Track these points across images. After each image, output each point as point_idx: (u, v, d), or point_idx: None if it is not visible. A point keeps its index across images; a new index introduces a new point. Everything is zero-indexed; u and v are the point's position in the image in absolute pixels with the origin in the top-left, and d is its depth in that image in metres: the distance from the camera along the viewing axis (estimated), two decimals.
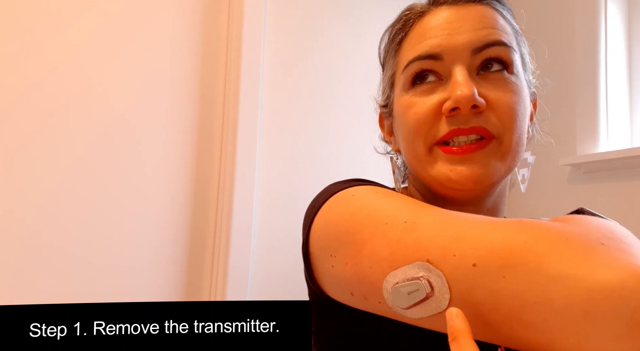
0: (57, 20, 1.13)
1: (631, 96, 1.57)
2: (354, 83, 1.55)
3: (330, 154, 1.49)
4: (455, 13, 0.53)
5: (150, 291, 1.19)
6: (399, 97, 0.56)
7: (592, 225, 0.36)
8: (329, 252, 0.48)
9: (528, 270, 0.33)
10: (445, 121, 0.50)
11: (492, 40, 0.51)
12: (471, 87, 0.48)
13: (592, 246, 0.33)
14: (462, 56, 0.51)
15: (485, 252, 0.35)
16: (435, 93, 0.52)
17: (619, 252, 0.32)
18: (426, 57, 0.52)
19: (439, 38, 0.52)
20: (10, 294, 1.03)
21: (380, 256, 0.41)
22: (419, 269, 0.37)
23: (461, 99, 0.48)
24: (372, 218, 0.44)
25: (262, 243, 1.35)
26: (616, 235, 0.35)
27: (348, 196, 0.49)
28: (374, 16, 1.61)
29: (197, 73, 1.32)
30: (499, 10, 0.54)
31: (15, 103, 1.07)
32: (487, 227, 0.37)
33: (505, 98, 0.50)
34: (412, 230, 0.40)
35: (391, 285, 0.38)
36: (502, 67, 0.51)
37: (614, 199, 1.46)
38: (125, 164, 1.19)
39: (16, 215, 1.05)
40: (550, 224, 0.36)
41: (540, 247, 0.33)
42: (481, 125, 0.49)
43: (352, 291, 0.46)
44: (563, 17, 1.63)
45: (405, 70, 0.54)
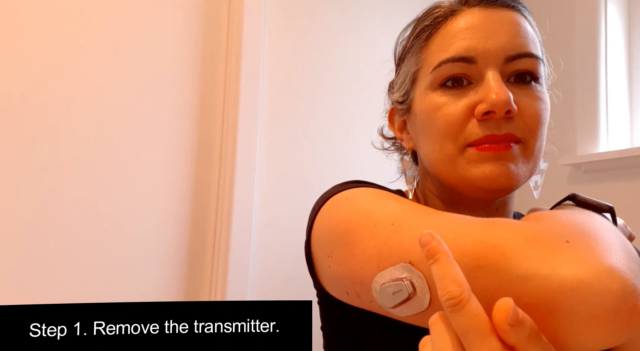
0: (57, 21, 1.13)
1: (631, 96, 1.57)
2: (354, 83, 1.55)
3: (330, 154, 1.49)
4: (490, 15, 0.53)
5: (150, 291, 1.19)
6: (422, 96, 0.55)
7: (560, 222, 0.37)
8: (326, 252, 0.50)
9: (497, 271, 0.35)
10: (478, 124, 0.51)
11: (525, 52, 0.51)
12: (507, 92, 0.49)
13: (556, 244, 0.34)
14: (496, 61, 0.51)
15: (459, 254, 0.36)
16: (465, 96, 0.52)
17: (582, 249, 0.34)
18: (459, 59, 0.52)
19: (473, 40, 0.52)
20: (10, 294, 1.03)
21: (370, 257, 0.43)
22: (402, 270, 0.39)
23: (497, 103, 0.48)
24: (363, 220, 0.46)
25: (262, 243, 1.35)
26: (583, 231, 0.36)
27: (343, 199, 0.52)
28: (375, 16, 1.61)
29: (197, 73, 1.32)
30: (527, 18, 0.55)
31: (15, 103, 1.07)
32: (461, 229, 0.39)
33: (534, 105, 0.51)
34: (397, 232, 0.42)
35: (378, 285, 0.41)
36: (530, 78, 0.52)
37: (614, 199, 1.45)
38: (125, 164, 1.19)
39: (16, 214, 1.05)
40: (519, 224, 0.37)
41: (508, 248, 0.35)
42: (512, 131, 0.50)
43: (347, 290, 0.48)
44: (563, 17, 1.63)
45: (436, 71, 0.53)
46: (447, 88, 0.53)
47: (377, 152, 0.71)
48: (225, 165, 1.31)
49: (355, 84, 1.54)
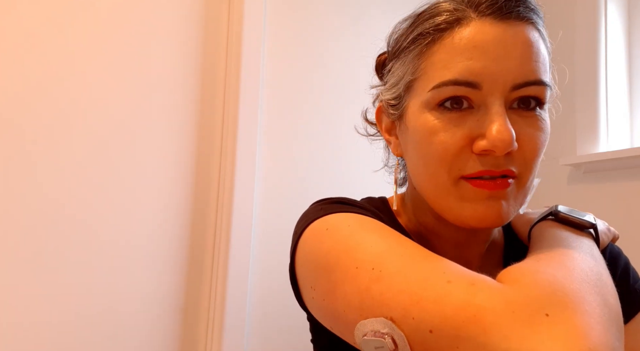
0: (56, 22, 1.12)
1: (631, 96, 1.57)
2: (354, 83, 1.55)
3: (330, 154, 1.49)
4: (503, 33, 0.47)
5: (150, 291, 1.19)
6: (418, 112, 0.51)
7: (540, 287, 0.37)
8: (309, 283, 0.50)
9: (477, 345, 0.34)
10: (476, 158, 0.48)
11: (534, 80, 0.48)
12: (510, 131, 0.46)
13: (536, 319, 0.34)
14: (502, 89, 0.47)
15: (439, 320, 0.36)
16: (465, 122, 0.48)
17: (562, 325, 0.34)
18: (463, 83, 0.47)
19: (480, 62, 0.47)
20: (9, 296, 1.03)
21: (352, 302, 0.42)
22: (384, 325, 0.39)
23: (499, 144, 0.45)
24: (343, 259, 0.45)
25: (262, 243, 1.35)
26: (563, 300, 0.36)
27: (322, 229, 0.50)
28: (375, 15, 1.61)
29: (197, 73, 1.32)
30: (540, 30, 0.50)
31: (12, 104, 1.07)
32: (442, 292, 0.38)
33: (534, 138, 0.49)
34: (378, 280, 0.41)
35: (361, 334, 0.41)
36: (536, 104, 0.49)
37: (614, 199, 1.46)
38: (125, 164, 1.19)
39: (14, 217, 1.05)
40: (500, 291, 0.37)
41: (488, 321, 0.35)
42: (510, 168, 0.48)
43: (331, 326, 0.48)
44: (563, 17, 1.63)
45: (435, 91, 0.49)
46: (445, 109, 0.49)
47: (378, 151, 0.69)
48: (225, 165, 1.31)
49: (355, 84, 1.54)
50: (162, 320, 1.20)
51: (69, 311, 1.08)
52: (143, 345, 1.17)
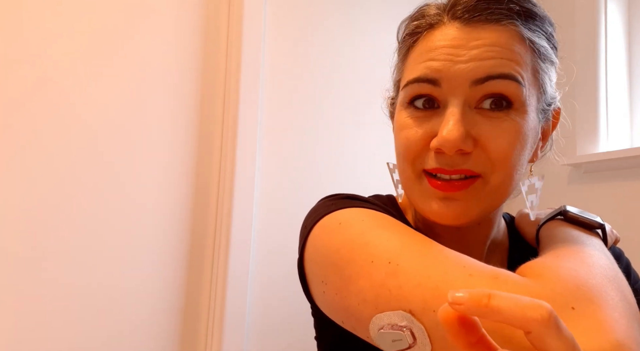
0: (54, 22, 1.12)
1: (631, 96, 1.57)
2: (355, 83, 1.55)
3: (330, 154, 1.49)
4: (466, 36, 0.48)
5: (150, 292, 1.19)
6: (398, 110, 0.54)
7: (563, 282, 0.37)
8: (320, 277, 0.49)
9: (502, 339, 0.34)
10: (433, 155, 0.49)
11: (495, 73, 0.47)
12: (459, 131, 0.46)
13: (562, 314, 0.34)
14: (460, 87, 0.48)
15: None
16: (429, 121, 0.50)
17: (589, 319, 0.34)
18: (424, 80, 0.49)
19: (439, 62, 0.49)
20: (9, 296, 1.03)
21: (366, 297, 0.42)
22: (402, 318, 0.38)
23: (445, 143, 0.47)
24: (357, 254, 0.44)
25: (262, 243, 1.35)
26: (587, 294, 0.36)
27: (335, 223, 0.49)
28: (375, 15, 1.61)
29: (197, 73, 1.32)
30: (521, 31, 0.49)
31: (9, 107, 1.07)
32: (465, 285, 0.37)
33: (499, 139, 0.48)
34: (395, 275, 0.41)
35: (377, 327, 0.40)
36: (503, 103, 0.48)
37: (614, 199, 1.46)
38: (125, 164, 1.19)
39: (14, 218, 1.05)
40: (524, 286, 0.36)
41: None
42: (466, 167, 0.48)
43: (342, 321, 0.47)
44: (563, 17, 1.63)
45: (405, 89, 0.52)
46: (416, 109, 0.51)
47: (378, 151, 0.69)
48: (225, 165, 1.31)
49: (355, 83, 1.54)
50: (162, 320, 1.20)
51: (69, 311, 1.08)
52: (143, 345, 1.17)
